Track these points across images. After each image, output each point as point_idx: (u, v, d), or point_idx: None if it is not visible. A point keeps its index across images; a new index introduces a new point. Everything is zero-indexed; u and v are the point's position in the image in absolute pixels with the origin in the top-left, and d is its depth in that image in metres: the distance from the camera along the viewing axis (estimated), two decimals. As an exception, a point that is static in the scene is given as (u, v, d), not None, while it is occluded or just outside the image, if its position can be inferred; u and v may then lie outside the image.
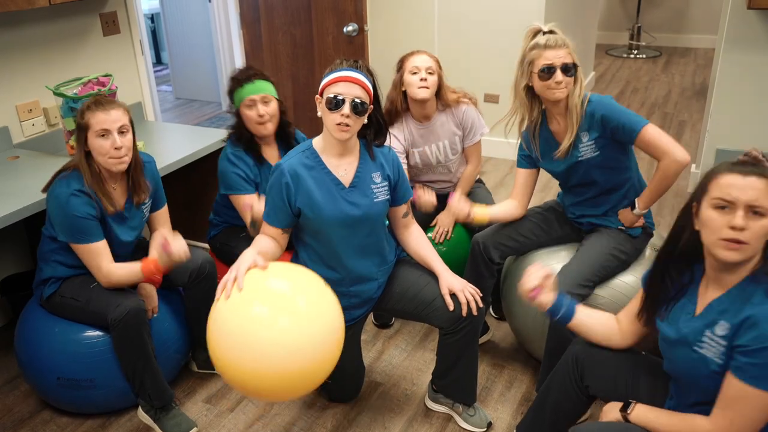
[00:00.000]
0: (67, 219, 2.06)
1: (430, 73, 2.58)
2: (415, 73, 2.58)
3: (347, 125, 1.92)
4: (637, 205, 2.21)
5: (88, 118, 2.06)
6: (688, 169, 3.98)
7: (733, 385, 1.40)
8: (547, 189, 4.00)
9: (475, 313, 2.05)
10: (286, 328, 1.62)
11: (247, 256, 1.78)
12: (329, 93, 1.91)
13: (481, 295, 2.08)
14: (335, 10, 3.67)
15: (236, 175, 2.47)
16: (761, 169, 1.39)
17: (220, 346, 1.65)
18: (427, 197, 2.39)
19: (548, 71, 2.09)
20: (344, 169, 2.04)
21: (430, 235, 2.76)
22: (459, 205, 2.36)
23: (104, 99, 2.12)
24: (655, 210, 3.65)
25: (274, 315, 1.63)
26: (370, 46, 3.79)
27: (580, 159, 2.20)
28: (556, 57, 2.08)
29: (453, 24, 4.38)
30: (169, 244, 2.07)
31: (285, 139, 2.60)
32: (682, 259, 1.56)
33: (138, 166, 2.21)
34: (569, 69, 2.09)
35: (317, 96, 1.98)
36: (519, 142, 2.37)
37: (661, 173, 2.10)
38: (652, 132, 2.08)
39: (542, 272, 1.79)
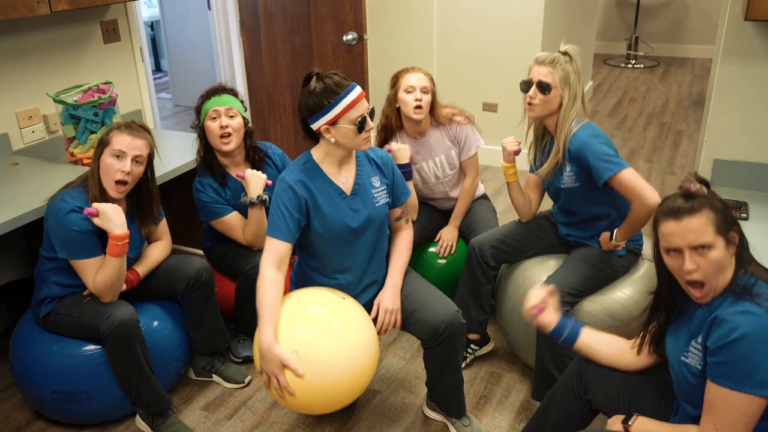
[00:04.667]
0: (65, 234, 2.06)
1: (424, 92, 2.59)
2: (410, 92, 2.59)
3: (369, 134, 1.98)
4: (614, 236, 2.22)
5: (111, 136, 2.08)
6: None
7: (709, 388, 1.42)
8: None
9: (382, 334, 2.08)
10: (327, 346, 1.82)
11: (276, 358, 1.78)
12: (350, 120, 1.91)
13: (398, 326, 2.10)
14: (335, 18, 3.68)
15: (208, 203, 2.50)
16: (694, 203, 1.43)
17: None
18: (398, 146, 2.48)
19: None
20: (344, 177, 2.05)
21: (433, 249, 2.77)
22: (510, 143, 2.36)
23: (135, 125, 2.14)
24: (647, 228, 3.66)
25: (315, 335, 1.83)
26: (370, 55, 3.81)
27: (561, 186, 2.25)
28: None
29: (452, 33, 4.40)
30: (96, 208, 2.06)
31: (256, 159, 2.58)
32: (675, 294, 1.58)
33: (151, 198, 2.26)
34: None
35: (325, 127, 1.93)
36: (530, 148, 2.43)
37: (633, 215, 2.12)
38: (623, 179, 2.06)
39: (544, 291, 1.81)
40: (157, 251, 2.38)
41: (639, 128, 5.38)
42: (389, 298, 2.09)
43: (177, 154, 2.88)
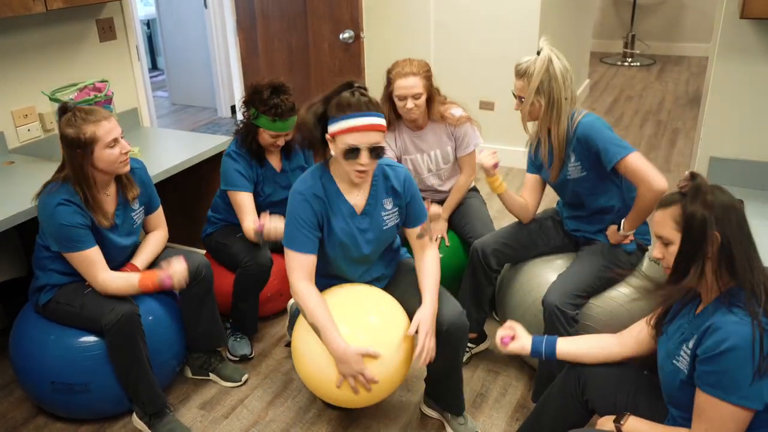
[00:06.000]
0: (56, 228, 2.06)
1: (416, 98, 2.57)
2: (401, 99, 2.58)
3: (364, 171, 1.90)
4: (622, 227, 2.22)
5: (93, 132, 2.02)
6: (681, 177, 4.00)
7: (699, 395, 1.43)
8: (545, 197, 4.00)
9: (419, 365, 1.97)
10: (381, 322, 1.97)
11: (355, 356, 1.85)
12: (343, 143, 1.85)
13: (433, 356, 1.98)
14: (331, 17, 3.68)
15: (236, 172, 2.52)
16: (671, 198, 1.49)
17: (313, 366, 1.97)
18: (433, 209, 2.44)
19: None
20: (357, 194, 2.03)
21: None
22: (486, 158, 2.30)
23: (90, 110, 2.08)
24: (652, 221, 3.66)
25: (354, 332, 1.92)
26: (366, 53, 3.81)
27: (568, 178, 2.23)
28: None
29: (449, 31, 4.40)
30: (171, 277, 2.16)
31: (287, 144, 2.63)
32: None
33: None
34: None
35: (328, 136, 1.90)
36: (528, 149, 2.41)
37: (640, 200, 2.12)
38: (631, 162, 2.06)
39: (506, 325, 1.92)
40: (155, 242, 2.39)
41: (635, 126, 5.39)
42: (427, 317, 1.97)
43: (173, 152, 2.87)
